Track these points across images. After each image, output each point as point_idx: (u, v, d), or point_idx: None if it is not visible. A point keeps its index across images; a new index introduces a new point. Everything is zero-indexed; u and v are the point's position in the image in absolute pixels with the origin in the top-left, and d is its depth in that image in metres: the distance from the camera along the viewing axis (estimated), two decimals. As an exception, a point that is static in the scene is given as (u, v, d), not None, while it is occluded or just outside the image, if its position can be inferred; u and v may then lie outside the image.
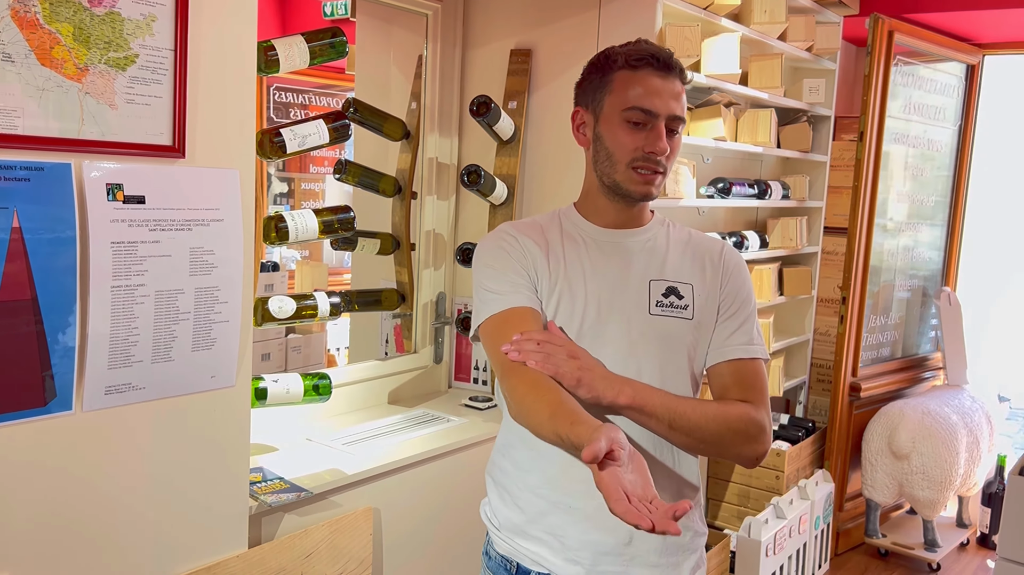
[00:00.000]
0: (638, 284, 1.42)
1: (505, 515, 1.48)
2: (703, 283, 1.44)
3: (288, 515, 1.92)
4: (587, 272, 1.43)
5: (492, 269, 1.43)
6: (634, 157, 1.37)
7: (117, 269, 1.50)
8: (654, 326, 1.40)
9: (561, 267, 1.43)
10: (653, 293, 1.42)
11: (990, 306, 5.32)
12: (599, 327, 1.39)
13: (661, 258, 1.45)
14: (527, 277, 1.42)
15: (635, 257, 1.44)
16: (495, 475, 1.52)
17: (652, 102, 1.36)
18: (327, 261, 4.64)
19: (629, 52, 1.39)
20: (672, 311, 1.41)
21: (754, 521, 2.87)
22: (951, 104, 4.02)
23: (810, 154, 3.57)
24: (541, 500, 1.42)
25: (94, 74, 1.44)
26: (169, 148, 1.56)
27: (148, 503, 1.62)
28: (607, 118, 1.40)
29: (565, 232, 1.47)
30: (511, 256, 1.43)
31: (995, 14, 3.47)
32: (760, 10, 2.93)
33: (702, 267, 1.46)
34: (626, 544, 1.40)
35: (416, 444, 2.28)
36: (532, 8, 2.70)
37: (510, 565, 1.47)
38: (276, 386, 2.10)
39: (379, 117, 2.66)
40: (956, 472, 3.51)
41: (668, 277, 1.43)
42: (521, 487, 1.45)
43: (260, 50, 1.92)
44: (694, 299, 1.42)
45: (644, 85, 1.36)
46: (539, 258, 1.43)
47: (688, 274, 1.44)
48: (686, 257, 1.46)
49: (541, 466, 1.42)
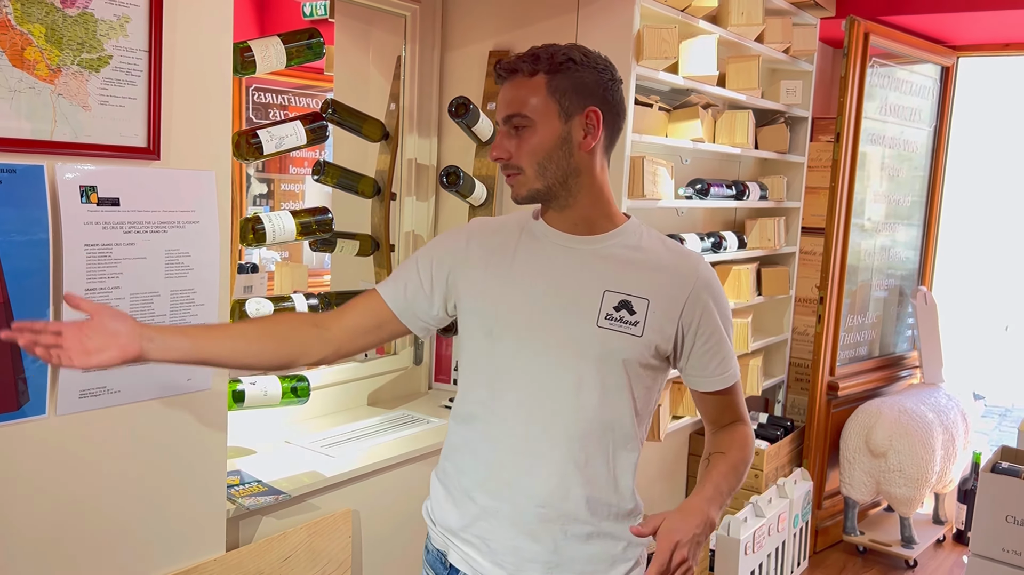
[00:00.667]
0: (592, 293, 1.38)
1: (441, 513, 1.49)
2: (663, 300, 1.38)
3: (266, 518, 1.91)
4: (538, 277, 1.40)
5: (418, 254, 1.51)
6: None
7: (91, 271, 1.49)
8: (599, 339, 1.36)
9: (510, 269, 1.42)
10: (605, 304, 1.37)
11: (965, 305, 5.38)
12: (541, 334, 1.38)
13: (622, 268, 1.39)
14: (428, 282, 1.47)
15: (593, 264, 1.40)
16: (439, 475, 1.53)
17: (499, 111, 1.39)
18: (307, 262, 4.61)
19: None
20: (620, 326, 1.36)
21: (733, 519, 2.89)
22: (926, 105, 4.07)
23: (787, 155, 3.60)
24: (473, 504, 1.43)
25: (67, 75, 1.43)
26: (144, 150, 1.55)
27: (124, 507, 1.61)
28: None
29: (526, 234, 1.46)
30: (436, 252, 1.49)
31: (969, 17, 3.51)
32: (737, 12, 2.95)
33: (668, 283, 1.39)
34: (551, 552, 1.40)
35: (395, 446, 2.27)
36: (510, 10, 2.71)
37: (445, 560, 1.48)
38: (254, 388, 2.09)
39: (358, 118, 2.65)
40: (932, 469, 3.55)
41: (624, 289, 1.38)
42: (457, 489, 1.46)
43: (236, 51, 1.91)
44: (647, 316, 1.37)
45: (499, 97, 1.40)
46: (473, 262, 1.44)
47: (648, 288, 1.38)
48: (650, 269, 1.40)
49: (474, 469, 1.43)
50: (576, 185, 1.39)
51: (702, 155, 3.34)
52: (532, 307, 1.39)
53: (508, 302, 1.40)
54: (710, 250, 3.19)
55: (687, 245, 3.02)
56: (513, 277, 1.42)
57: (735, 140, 3.17)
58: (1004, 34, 3.82)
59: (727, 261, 3.34)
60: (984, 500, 2.60)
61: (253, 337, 1.41)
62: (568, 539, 1.40)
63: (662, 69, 2.68)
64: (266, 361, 1.42)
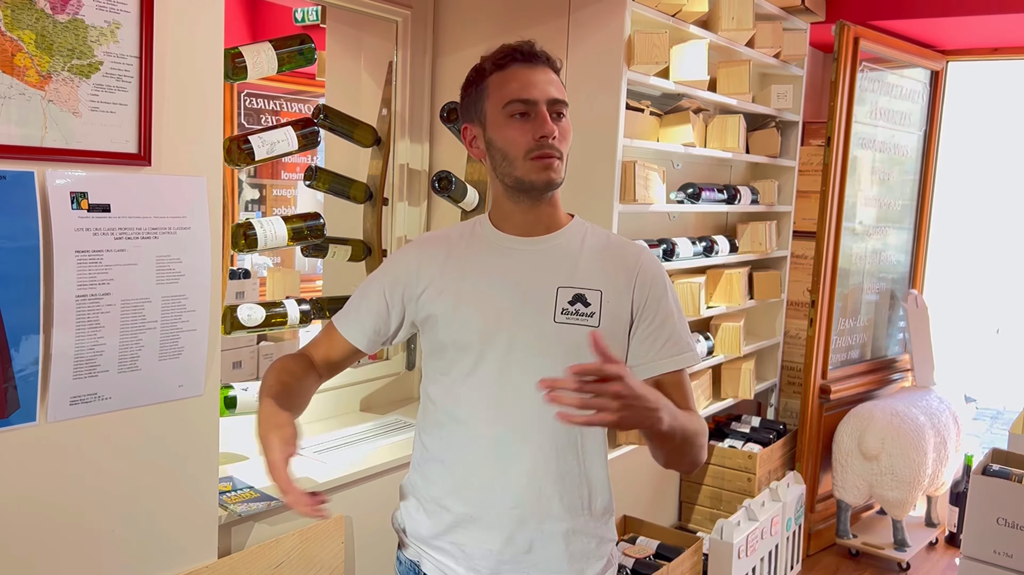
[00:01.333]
0: (545, 291, 1.40)
1: (413, 524, 1.49)
2: (614, 289, 1.41)
3: (258, 524, 1.91)
4: (493, 281, 1.42)
5: (371, 280, 1.53)
6: (528, 148, 1.38)
7: (82, 278, 1.48)
8: (558, 334, 1.38)
9: (463, 277, 1.43)
10: (560, 300, 1.39)
11: (956, 308, 5.41)
12: (504, 336, 1.39)
13: (572, 264, 1.42)
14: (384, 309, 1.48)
15: (544, 264, 1.42)
16: (407, 487, 1.53)
17: (528, 91, 1.38)
18: (299, 268, 4.61)
19: (495, 55, 1.42)
20: (577, 319, 1.38)
21: (726, 523, 2.89)
22: (916, 109, 4.09)
23: (778, 159, 3.61)
24: (444, 511, 1.43)
25: (57, 82, 1.43)
26: (135, 156, 1.55)
27: (115, 514, 1.61)
28: (492, 121, 1.41)
29: (475, 241, 1.47)
30: (387, 278, 1.50)
31: (958, 21, 3.53)
32: (728, 17, 2.96)
33: (615, 273, 1.42)
34: (526, 552, 1.40)
35: (388, 451, 2.27)
36: (502, 15, 2.71)
37: (419, 570, 1.48)
38: (246, 394, 2.09)
39: (349, 123, 2.65)
40: (924, 472, 3.56)
41: (576, 284, 1.40)
42: (427, 499, 1.46)
43: (227, 57, 1.92)
44: (601, 306, 1.40)
45: (516, 79, 1.39)
46: (426, 277, 1.45)
47: (599, 280, 1.41)
48: (598, 262, 1.43)
49: (444, 477, 1.43)
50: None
51: (693, 159, 3.35)
52: (488, 312, 1.40)
53: (465, 310, 1.41)
54: (702, 254, 3.20)
55: (679, 249, 3.03)
56: (467, 285, 1.43)
57: (726, 144, 3.18)
58: (993, 38, 3.84)
59: (719, 265, 3.35)
60: (975, 503, 2.61)
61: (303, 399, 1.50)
62: (544, 538, 1.40)
63: (653, 74, 2.69)
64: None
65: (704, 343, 3.19)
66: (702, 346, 3.17)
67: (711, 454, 3.47)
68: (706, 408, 3.28)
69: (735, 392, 3.44)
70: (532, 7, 2.65)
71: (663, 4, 2.65)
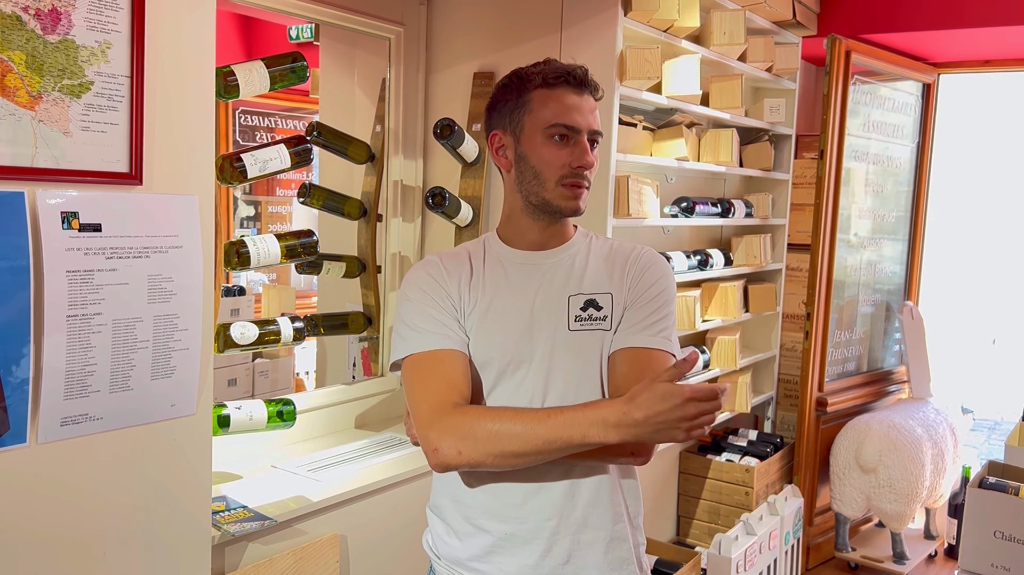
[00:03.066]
0: (557, 302, 1.42)
1: (446, 547, 1.47)
2: (620, 288, 1.43)
3: (252, 544, 1.89)
4: (509, 297, 1.43)
5: (417, 303, 1.42)
6: (562, 174, 1.39)
7: (73, 298, 1.48)
8: (573, 341, 1.39)
9: (485, 295, 1.43)
10: (572, 308, 1.41)
11: (952, 318, 5.41)
12: (525, 350, 1.39)
13: (580, 272, 1.45)
14: (451, 314, 1.41)
15: (555, 276, 1.44)
16: (435, 510, 1.51)
17: (573, 118, 1.39)
18: (295, 284, 4.61)
19: (545, 71, 1.41)
20: (591, 324, 1.40)
21: (724, 538, 2.88)
22: (909, 121, 4.10)
23: (772, 172, 3.62)
24: (483, 533, 1.42)
25: (48, 102, 1.43)
26: (126, 175, 1.55)
27: (107, 535, 1.59)
28: (529, 137, 1.41)
29: (488, 259, 1.48)
30: (436, 291, 1.43)
31: (948, 34, 3.55)
32: (719, 32, 2.98)
33: (620, 275, 1.44)
34: (563, 564, 1.40)
35: (383, 469, 2.26)
36: (494, 32, 2.72)
37: None
38: (239, 413, 2.08)
39: (343, 140, 2.66)
40: (922, 484, 3.55)
41: (586, 290, 1.42)
42: (460, 520, 1.44)
43: (219, 75, 1.92)
44: (613, 309, 1.41)
45: (563, 102, 1.39)
46: (463, 288, 1.44)
47: (607, 284, 1.43)
48: (605, 267, 1.45)
49: (475, 498, 1.42)
50: None
51: (687, 174, 3.35)
52: (506, 329, 1.41)
53: (486, 329, 1.42)
54: (697, 268, 3.20)
55: (673, 263, 3.03)
56: (486, 304, 1.43)
57: (720, 158, 3.19)
58: (983, 51, 3.86)
59: (714, 279, 3.35)
60: (972, 516, 2.60)
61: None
62: (582, 548, 1.40)
63: (646, 89, 2.69)
64: None
65: (700, 357, 3.18)
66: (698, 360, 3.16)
67: (709, 468, 3.46)
68: (703, 422, 3.27)
69: (731, 405, 3.43)
70: (525, 23, 2.67)
71: (655, 19, 2.66)
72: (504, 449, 1.27)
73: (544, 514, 1.39)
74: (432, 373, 1.37)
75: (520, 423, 1.27)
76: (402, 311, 1.44)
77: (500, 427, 1.28)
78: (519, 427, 1.27)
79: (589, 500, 1.40)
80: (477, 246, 1.52)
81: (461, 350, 1.39)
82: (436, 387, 1.35)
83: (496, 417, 1.29)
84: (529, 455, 1.28)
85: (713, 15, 2.97)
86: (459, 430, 1.29)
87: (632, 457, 1.35)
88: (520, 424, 1.27)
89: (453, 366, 1.37)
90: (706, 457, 3.49)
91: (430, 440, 1.31)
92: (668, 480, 3.47)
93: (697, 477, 3.50)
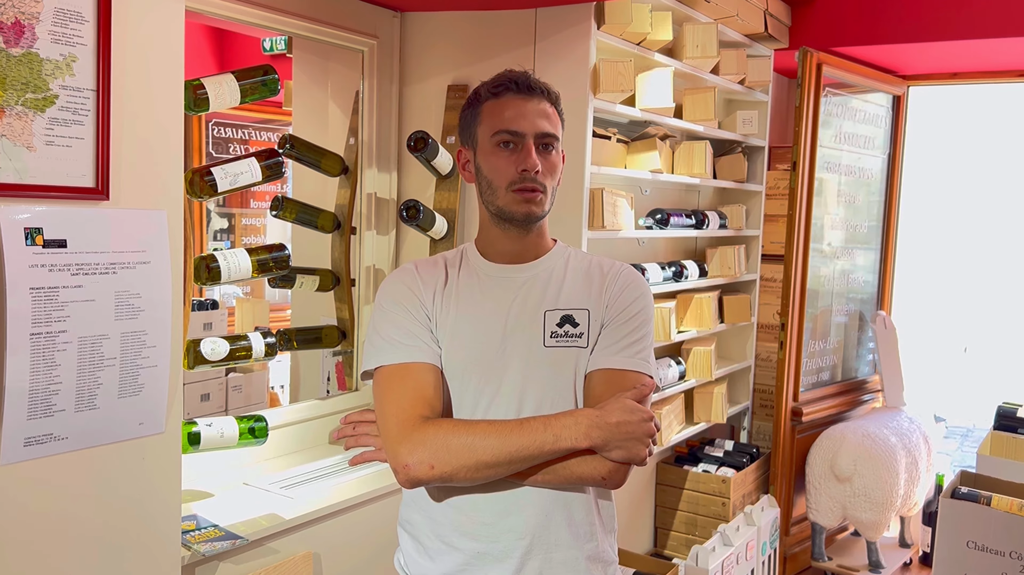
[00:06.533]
0: (533, 317, 1.41)
1: (417, 566, 1.46)
2: (598, 306, 1.42)
3: (223, 564, 1.86)
4: (483, 310, 1.42)
5: (390, 313, 1.43)
6: (511, 180, 1.39)
7: (37, 316, 1.45)
8: (548, 357, 1.39)
9: (458, 305, 1.43)
10: (548, 324, 1.40)
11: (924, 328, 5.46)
12: (497, 364, 1.38)
13: (557, 287, 1.44)
14: (424, 325, 1.41)
15: (530, 290, 1.43)
16: (407, 527, 1.50)
17: (517, 123, 1.39)
18: (269, 297, 4.56)
19: (491, 82, 1.44)
20: (567, 340, 1.39)
21: (701, 549, 2.88)
22: (880, 133, 4.15)
23: (746, 184, 3.64)
24: (452, 550, 1.41)
25: (11, 116, 1.41)
26: (92, 190, 1.52)
27: (74, 557, 1.56)
28: (482, 148, 1.43)
29: (464, 270, 1.47)
30: (410, 301, 1.43)
31: (918, 47, 3.60)
32: (692, 45, 2.99)
33: (598, 291, 1.44)
34: None
35: (357, 486, 2.23)
36: (468, 44, 2.72)
37: None
38: (210, 430, 2.05)
39: (316, 153, 2.64)
40: (896, 493, 3.58)
41: (562, 305, 1.41)
42: (431, 537, 1.43)
43: (189, 88, 1.90)
44: (589, 325, 1.40)
45: (508, 108, 1.40)
46: (436, 297, 1.44)
47: (584, 299, 1.42)
48: (582, 282, 1.45)
49: (448, 515, 1.41)
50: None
51: (661, 186, 3.37)
52: (480, 342, 1.40)
53: (457, 341, 1.41)
54: (672, 279, 3.20)
55: (648, 275, 3.03)
56: (459, 315, 1.42)
57: (693, 170, 3.21)
58: (952, 64, 3.92)
59: (689, 290, 3.36)
60: (945, 527, 2.62)
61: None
62: (553, 566, 1.39)
63: (619, 102, 2.70)
64: None
65: (676, 368, 3.19)
66: (673, 371, 3.17)
67: (685, 479, 3.46)
68: (679, 433, 3.27)
69: (708, 416, 3.43)
70: (498, 36, 2.67)
71: (628, 33, 2.67)
72: (478, 460, 1.27)
73: (517, 532, 1.37)
74: (402, 386, 1.36)
75: (493, 433, 1.28)
76: (375, 320, 1.44)
77: (473, 439, 1.28)
78: (492, 438, 1.28)
79: (561, 519, 1.38)
80: (455, 255, 1.51)
81: (432, 363, 1.39)
82: (406, 401, 1.35)
83: (468, 429, 1.30)
84: (502, 465, 1.28)
85: (686, 28, 2.99)
86: (431, 443, 1.29)
87: (603, 482, 1.34)
88: (493, 435, 1.28)
89: (424, 379, 1.37)
90: (683, 468, 3.49)
91: (400, 456, 1.30)
92: (645, 492, 3.47)
93: (674, 488, 3.50)
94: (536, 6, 2.58)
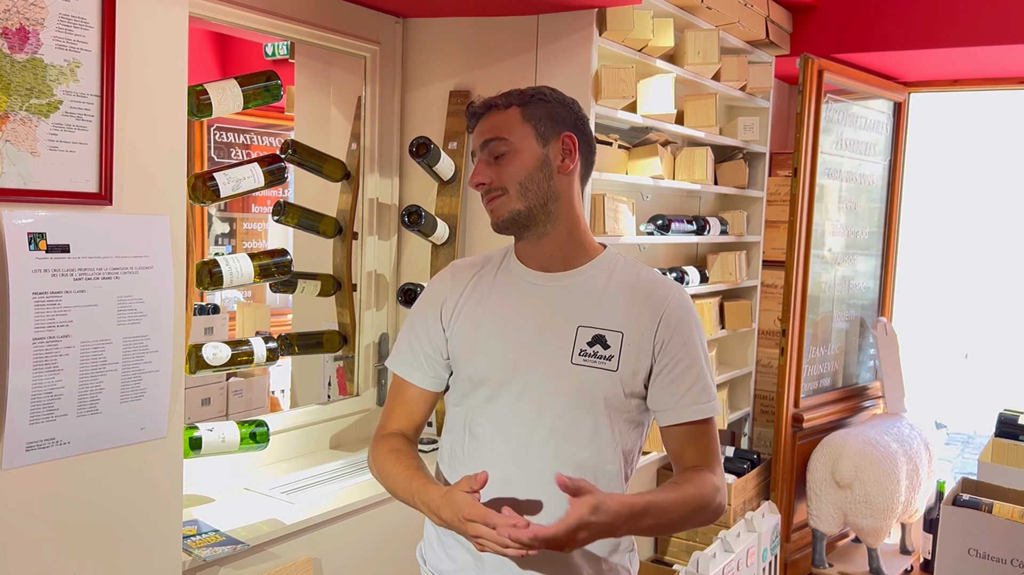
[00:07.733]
0: (565, 330, 1.38)
1: (434, 558, 1.49)
2: (637, 330, 1.38)
3: (224, 569, 1.86)
4: (513, 316, 1.41)
5: (415, 319, 1.53)
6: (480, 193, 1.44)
7: (39, 320, 1.45)
8: (573, 377, 1.36)
9: (484, 310, 1.43)
10: (579, 341, 1.37)
11: (925, 334, 5.46)
12: (519, 374, 1.38)
13: (595, 301, 1.40)
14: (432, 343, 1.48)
15: (567, 300, 1.41)
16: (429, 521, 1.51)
17: (475, 143, 1.44)
18: (270, 302, 4.57)
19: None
20: (594, 361, 1.36)
21: (702, 556, 2.87)
22: (881, 139, 4.15)
23: (746, 190, 3.64)
24: (464, 550, 1.42)
25: (15, 121, 1.41)
26: (95, 195, 1.53)
27: (75, 561, 1.56)
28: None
29: (503, 270, 1.47)
30: (431, 312, 1.49)
31: (919, 54, 3.61)
32: (694, 51, 3.00)
33: (640, 312, 1.39)
34: None
35: (358, 490, 2.23)
36: (470, 51, 2.73)
37: None
38: (211, 435, 2.05)
39: (318, 158, 2.65)
40: (897, 500, 3.57)
41: (598, 324, 1.37)
42: (445, 533, 1.45)
43: (192, 94, 1.90)
44: (621, 349, 1.36)
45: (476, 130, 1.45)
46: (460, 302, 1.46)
47: (621, 321, 1.38)
48: (624, 301, 1.39)
49: None
50: (556, 210, 1.40)
51: (662, 192, 3.37)
52: (506, 349, 1.39)
53: (483, 345, 1.41)
54: (673, 285, 3.20)
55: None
56: (487, 319, 1.42)
57: (694, 176, 3.21)
58: (953, 70, 3.93)
59: (690, 296, 3.35)
60: (947, 534, 2.62)
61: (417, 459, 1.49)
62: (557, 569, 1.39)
63: (620, 108, 2.71)
64: None
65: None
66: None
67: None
68: (680, 439, 3.27)
69: (708, 422, 3.43)
70: (500, 43, 2.67)
71: (629, 39, 2.68)
72: (389, 488, 1.45)
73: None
74: (393, 396, 1.54)
75: (390, 478, 1.42)
76: (411, 311, 1.56)
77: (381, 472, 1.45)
78: (389, 482, 1.44)
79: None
80: (500, 254, 1.52)
81: (422, 387, 1.50)
82: (387, 411, 1.53)
83: (382, 463, 1.44)
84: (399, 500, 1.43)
85: (687, 35, 2.99)
86: (371, 458, 1.49)
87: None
88: (390, 479, 1.43)
89: (407, 397, 1.51)
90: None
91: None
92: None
93: (675, 494, 3.49)
94: (538, 12, 2.59)
